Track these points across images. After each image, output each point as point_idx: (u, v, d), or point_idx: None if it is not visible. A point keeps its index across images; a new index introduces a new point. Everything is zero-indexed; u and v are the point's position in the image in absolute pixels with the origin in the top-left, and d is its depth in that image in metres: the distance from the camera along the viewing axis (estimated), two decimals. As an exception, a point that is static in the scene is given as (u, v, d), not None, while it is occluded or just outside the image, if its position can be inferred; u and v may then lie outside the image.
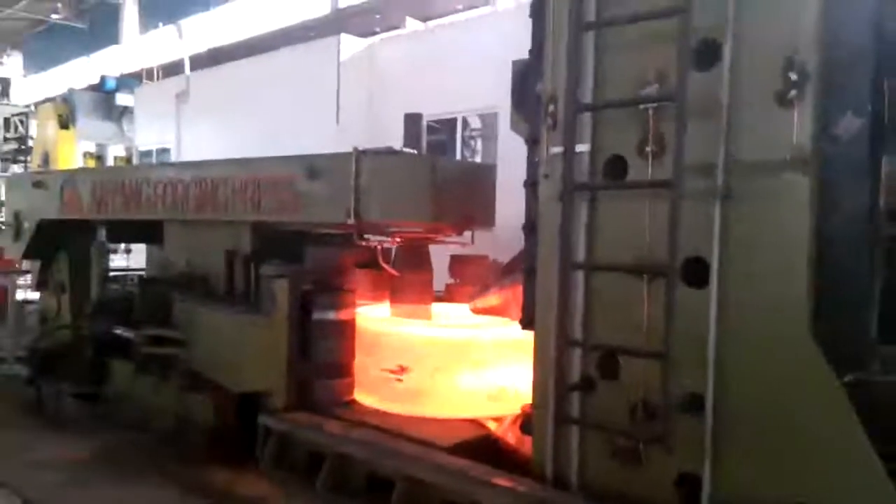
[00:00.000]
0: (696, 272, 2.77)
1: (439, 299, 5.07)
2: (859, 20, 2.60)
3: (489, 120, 9.84)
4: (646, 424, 2.88)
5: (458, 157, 10.04)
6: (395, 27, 14.12)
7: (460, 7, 16.16)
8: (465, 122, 10.51)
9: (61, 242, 6.44)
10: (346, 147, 4.25)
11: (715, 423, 2.71)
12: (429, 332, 4.36)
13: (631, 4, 2.92)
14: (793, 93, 2.55)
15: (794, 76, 2.54)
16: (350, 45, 11.09)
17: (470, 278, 4.98)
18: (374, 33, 13.87)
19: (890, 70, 2.57)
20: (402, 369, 4.13)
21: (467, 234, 4.85)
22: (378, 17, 17.52)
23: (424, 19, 13.49)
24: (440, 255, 5.10)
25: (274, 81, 11.57)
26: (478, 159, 10.57)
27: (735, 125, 2.68)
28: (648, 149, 2.92)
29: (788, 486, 2.57)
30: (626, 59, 3.01)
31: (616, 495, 2.96)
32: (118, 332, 5.16)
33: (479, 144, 10.89)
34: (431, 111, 10.12)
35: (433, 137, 10.68)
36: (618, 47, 3.03)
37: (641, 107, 2.91)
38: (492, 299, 4.45)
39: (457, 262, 5.19)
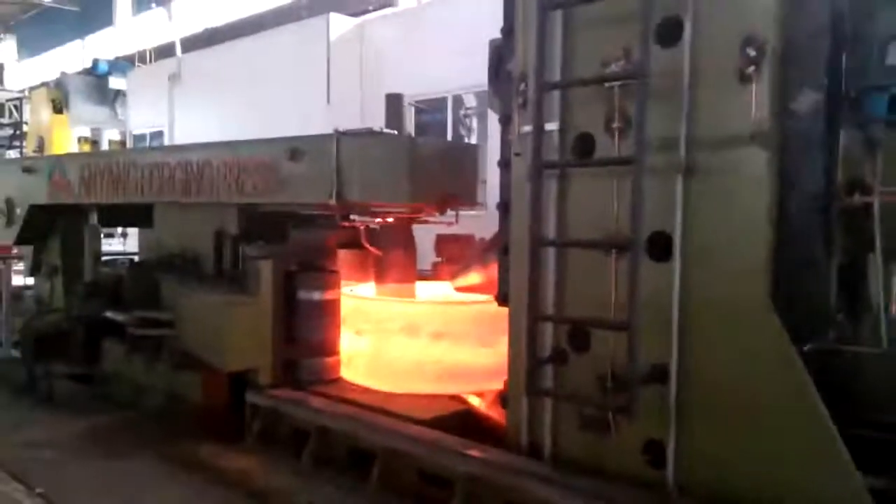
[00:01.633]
0: (659, 246, 2.84)
1: (425, 278, 5.15)
2: (816, -4, 2.64)
3: (483, 97, 9.85)
4: (614, 395, 2.96)
5: (450, 136, 10.07)
6: (390, 4, 14.03)
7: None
8: (461, 101, 10.53)
9: (54, 227, 6.51)
10: (338, 128, 4.30)
11: (679, 392, 2.79)
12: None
13: (595, -17, 2.96)
14: (751, 69, 2.59)
15: (752, 52, 2.59)
16: (340, 24, 11.08)
17: (455, 257, 5.05)
18: (368, 11, 13.81)
19: (847, 45, 2.61)
20: None
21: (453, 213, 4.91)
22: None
23: (416, -4, 13.41)
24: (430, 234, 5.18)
25: (265, 62, 11.59)
26: (473, 138, 10.59)
27: (696, 101, 2.73)
28: (615, 126, 2.98)
29: (749, 452, 2.65)
30: (592, 37, 3.05)
31: (587, 464, 3.05)
32: (109, 314, 5.24)
33: (474, 122, 10.91)
34: (423, 90, 10.18)
35: (430, 117, 10.73)
36: (585, 26, 3.07)
37: (607, 85, 2.96)
38: (473, 277, 4.53)
39: (442, 241, 5.26)
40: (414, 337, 4.21)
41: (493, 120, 8.49)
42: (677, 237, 2.78)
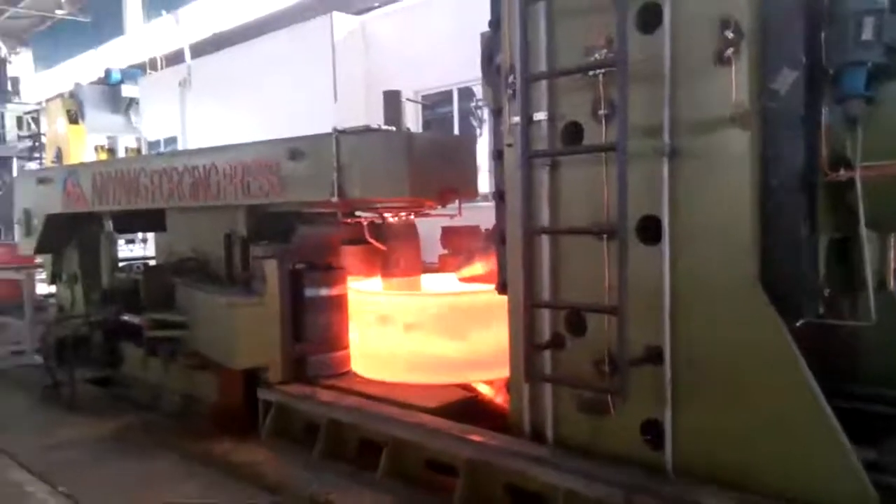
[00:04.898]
0: (649, 230, 2.88)
1: (431, 270, 5.22)
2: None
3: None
4: (611, 377, 3.01)
5: (456, 129, 10.10)
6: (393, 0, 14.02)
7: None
8: (470, 93, 10.54)
9: (71, 235, 6.67)
10: (345, 125, 4.37)
11: (673, 373, 2.84)
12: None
13: (573, -26, 3.00)
14: (730, 51, 2.63)
15: (730, 34, 2.62)
16: (344, 22, 11.14)
17: (461, 248, 5.11)
18: (374, 8, 13.83)
19: (823, 21, 2.62)
20: None
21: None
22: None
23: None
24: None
25: (272, 64, 11.69)
26: (484, 129, 10.60)
27: (678, 85, 2.77)
28: (601, 113, 3.01)
29: (743, 428, 2.69)
30: (575, 26, 3.09)
31: (588, 446, 3.11)
32: (126, 317, 5.39)
33: (485, 114, 10.92)
34: (429, 84, 10.22)
35: (438, 112, 10.76)
36: (567, 16, 3.12)
37: (592, 73, 3.00)
38: (477, 267, 4.59)
39: (448, 234, 5.32)
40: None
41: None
42: (665, 220, 2.82)
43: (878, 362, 3.19)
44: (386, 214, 4.79)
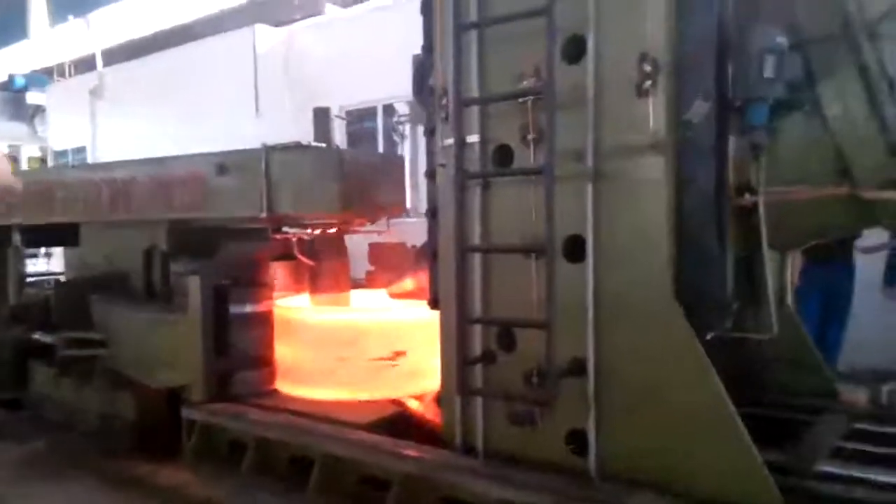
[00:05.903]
0: (574, 249, 3.04)
1: (359, 286, 5.25)
2: (704, 13, 2.88)
3: (415, 105, 9.96)
4: (538, 390, 3.14)
5: (380, 145, 10.18)
6: (318, 13, 13.98)
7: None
8: (393, 109, 10.65)
9: (-27, 250, 6.31)
10: (265, 140, 4.36)
11: (596, 384, 3.00)
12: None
13: (504, 6, 3.15)
14: (648, 83, 2.82)
15: (647, 68, 2.81)
16: (266, 34, 11.05)
17: (388, 264, 5.18)
18: (295, 21, 13.75)
19: (731, 58, 2.86)
20: (397, 354, 4.30)
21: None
22: (297, 3, 17.31)
23: (345, 5, 13.42)
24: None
25: (190, 75, 11.45)
26: (406, 144, 10.72)
27: (601, 113, 2.94)
28: (530, 137, 3.16)
29: (660, 436, 2.87)
30: (506, 54, 3.23)
31: (517, 457, 3.22)
32: (37, 336, 5.15)
33: (407, 130, 11.05)
34: (353, 100, 10.27)
35: (362, 126, 10.81)
36: (498, 44, 3.26)
37: (521, 99, 3.15)
38: (407, 284, 4.67)
39: (375, 250, 5.38)
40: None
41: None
42: (589, 239, 2.98)
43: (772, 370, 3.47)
44: (315, 231, 4.79)
